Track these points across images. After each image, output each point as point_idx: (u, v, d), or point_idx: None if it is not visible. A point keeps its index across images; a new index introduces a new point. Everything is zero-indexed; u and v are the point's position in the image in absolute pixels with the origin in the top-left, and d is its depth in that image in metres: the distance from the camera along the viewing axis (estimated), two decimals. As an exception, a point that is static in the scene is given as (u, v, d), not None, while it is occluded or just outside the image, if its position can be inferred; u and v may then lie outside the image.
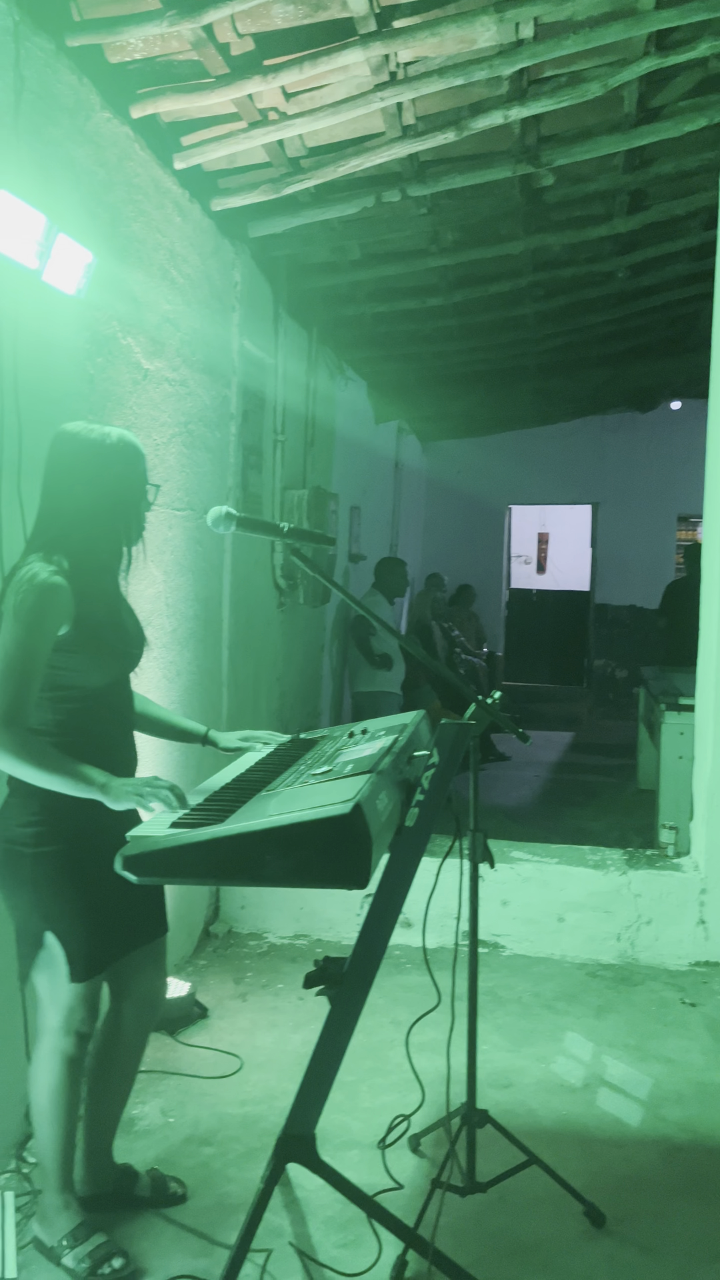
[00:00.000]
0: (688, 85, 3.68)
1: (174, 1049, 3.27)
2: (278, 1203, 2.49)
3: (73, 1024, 2.19)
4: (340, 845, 1.66)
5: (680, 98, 3.77)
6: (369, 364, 6.76)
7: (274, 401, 4.88)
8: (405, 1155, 2.71)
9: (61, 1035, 2.20)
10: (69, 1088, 2.22)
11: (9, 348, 2.47)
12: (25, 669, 2.03)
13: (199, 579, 3.92)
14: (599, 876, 4.07)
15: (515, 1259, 2.32)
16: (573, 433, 10.47)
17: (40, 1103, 2.24)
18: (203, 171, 3.69)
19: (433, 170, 4.01)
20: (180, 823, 1.81)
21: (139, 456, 2.25)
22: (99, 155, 2.92)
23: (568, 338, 6.70)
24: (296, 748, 2.46)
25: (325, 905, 4.21)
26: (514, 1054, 3.31)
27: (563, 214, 4.63)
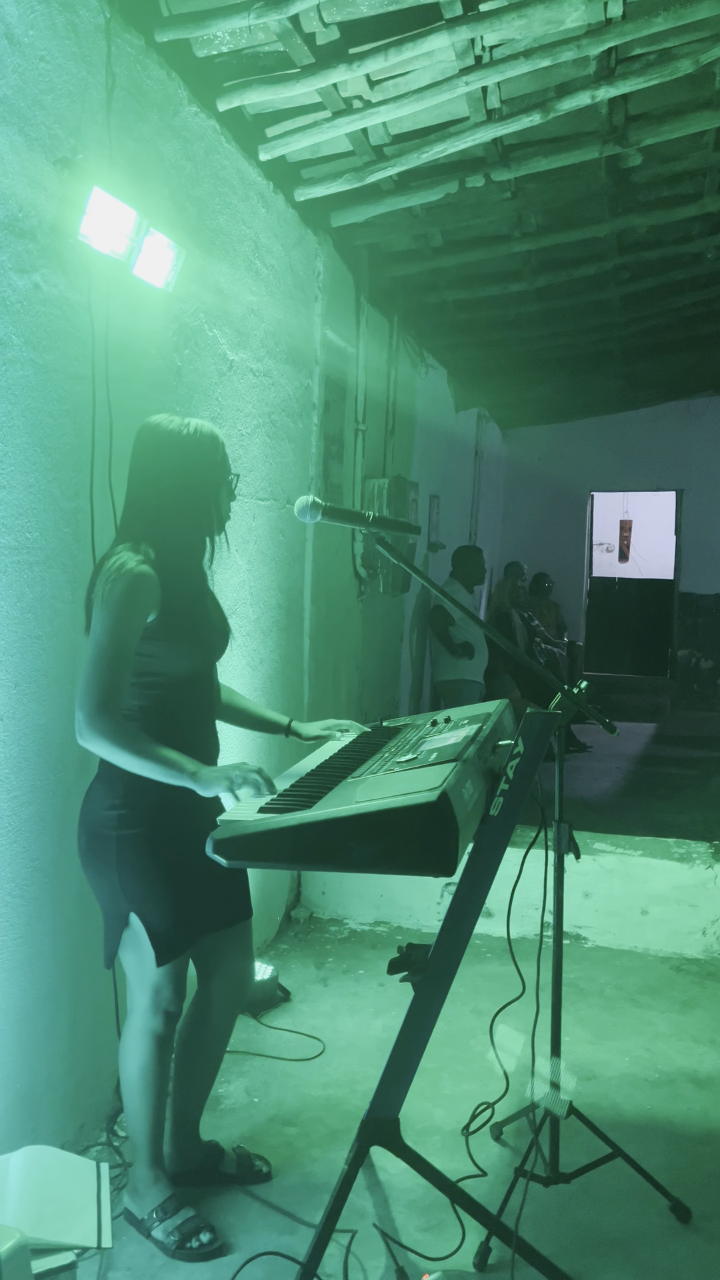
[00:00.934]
0: (783, 59, 3.57)
1: (257, 1031, 3.32)
2: (360, 1185, 2.52)
3: (160, 1003, 2.24)
4: (427, 832, 1.67)
5: (775, 72, 3.66)
6: (450, 351, 6.72)
7: (355, 391, 4.89)
8: (487, 1144, 2.72)
9: (150, 1014, 2.25)
10: (158, 1065, 2.28)
11: (101, 341, 2.52)
12: (117, 657, 2.07)
13: (281, 568, 3.96)
14: (684, 869, 4.00)
15: (599, 1251, 2.31)
16: (657, 418, 10.26)
17: (130, 1079, 2.30)
18: (286, 162, 3.70)
19: (517, 154, 3.96)
20: (268, 808, 1.84)
21: (218, 445, 2.28)
22: (186, 149, 2.95)
23: (654, 321, 6.56)
24: (380, 735, 2.47)
25: (405, 893, 4.23)
26: (597, 1046, 3.29)
27: (650, 194, 4.53)
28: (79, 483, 2.48)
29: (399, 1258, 2.21)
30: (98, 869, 2.22)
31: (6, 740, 2.23)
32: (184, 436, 2.23)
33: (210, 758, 2.34)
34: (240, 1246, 2.28)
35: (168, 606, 2.18)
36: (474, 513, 8.94)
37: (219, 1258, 2.24)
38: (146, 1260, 2.24)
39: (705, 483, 10.59)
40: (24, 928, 2.32)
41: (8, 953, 2.27)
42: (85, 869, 2.26)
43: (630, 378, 7.76)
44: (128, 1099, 2.32)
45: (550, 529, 11.01)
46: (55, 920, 2.44)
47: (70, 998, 2.52)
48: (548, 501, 10.96)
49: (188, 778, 2.03)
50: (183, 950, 2.26)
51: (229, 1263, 2.22)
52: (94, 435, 2.52)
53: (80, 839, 2.24)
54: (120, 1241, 2.29)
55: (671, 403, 10.01)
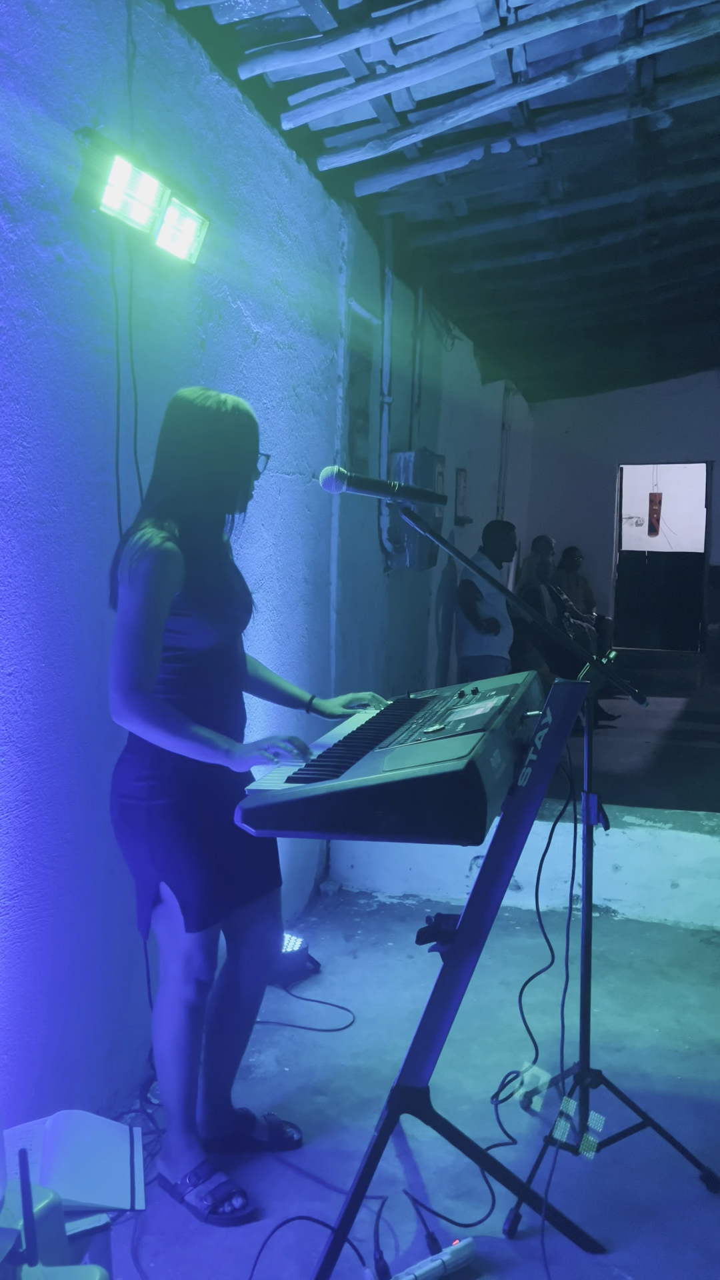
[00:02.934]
0: None
1: (287, 1001, 3.35)
2: (390, 1153, 2.54)
3: (192, 972, 2.26)
4: (455, 802, 1.66)
5: None
6: (476, 323, 6.66)
7: (380, 363, 4.86)
8: (518, 1112, 2.73)
9: (182, 983, 2.27)
10: (191, 1033, 2.30)
11: (125, 314, 2.51)
12: (147, 635, 2.08)
13: (307, 543, 3.95)
14: (714, 842, 3.98)
15: (629, 1219, 2.31)
16: (687, 389, 10.12)
17: (164, 1048, 2.32)
18: (310, 131, 3.67)
19: (543, 119, 3.89)
20: (296, 777, 1.84)
21: (254, 425, 2.28)
22: (208, 118, 2.93)
23: (683, 289, 6.46)
24: (407, 707, 2.46)
25: (434, 866, 4.24)
26: (626, 1018, 3.29)
27: (680, 158, 4.44)
28: (105, 457, 2.48)
29: (429, 1224, 2.23)
30: (129, 839, 2.24)
31: (36, 713, 2.25)
32: (220, 415, 2.22)
33: (237, 729, 2.35)
34: (272, 1212, 2.31)
35: (192, 582, 2.18)
36: (501, 486, 8.88)
37: (251, 1223, 2.27)
38: (180, 1225, 2.27)
39: (736, 454, 10.45)
40: (56, 899, 2.35)
41: (41, 924, 2.30)
42: (118, 839, 2.28)
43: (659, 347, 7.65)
44: (161, 1067, 2.34)
45: (579, 503, 10.92)
46: (87, 892, 2.46)
47: (102, 968, 2.55)
48: (576, 475, 10.86)
49: (222, 756, 2.05)
50: (214, 919, 2.28)
51: (261, 1227, 2.25)
52: (119, 409, 2.52)
53: (112, 810, 2.26)
54: (154, 1206, 2.32)
55: (701, 373, 9.87)
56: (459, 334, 6.57)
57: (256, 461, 2.30)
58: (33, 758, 2.25)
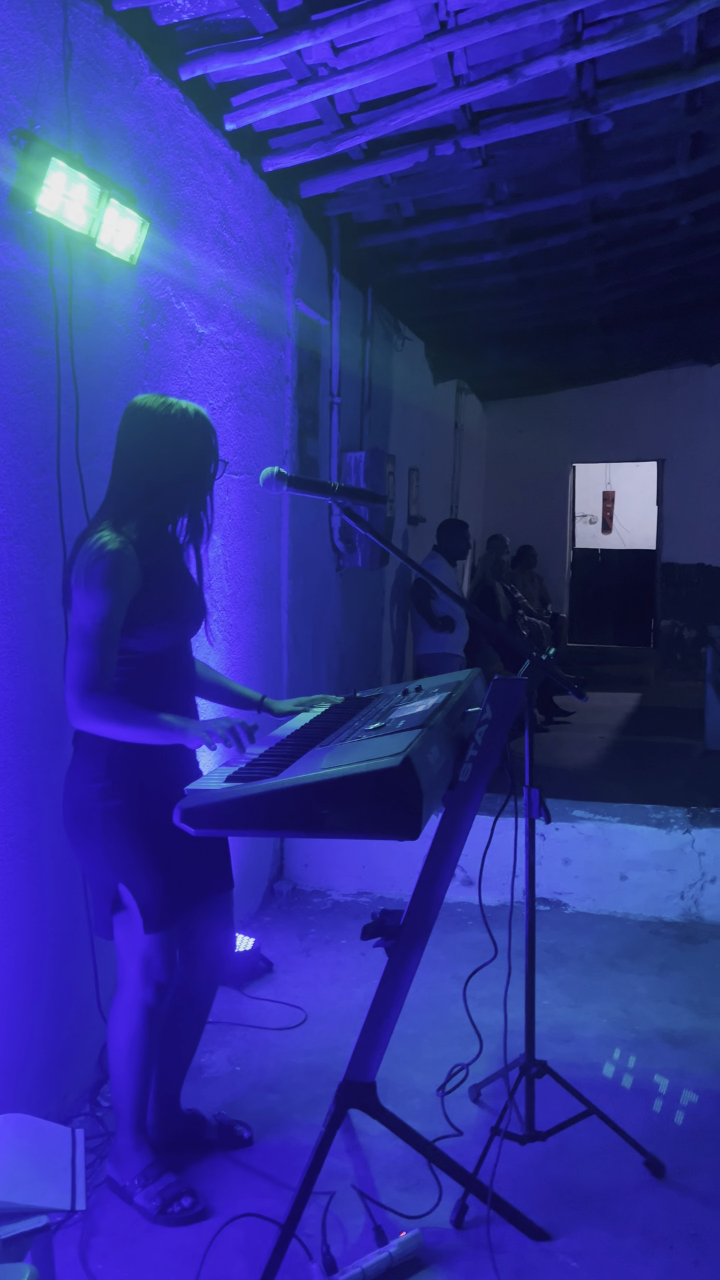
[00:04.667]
0: (751, 20, 3.55)
1: (240, 1001, 3.35)
2: (341, 1148, 2.55)
3: (151, 974, 2.26)
4: (391, 797, 1.68)
5: (743, 34, 3.64)
6: (426, 323, 6.70)
7: (329, 364, 4.87)
8: (466, 1105, 2.76)
9: (141, 986, 2.27)
10: (147, 1036, 2.30)
11: (65, 315, 2.50)
12: (102, 638, 2.10)
13: (257, 543, 3.96)
14: (662, 835, 4.04)
15: (575, 1206, 2.35)
16: (638, 388, 10.25)
17: (119, 1050, 2.32)
18: (253, 132, 3.67)
19: (487, 121, 3.93)
20: (235, 776, 1.85)
21: (211, 432, 2.31)
22: (149, 119, 2.93)
23: (629, 290, 6.55)
24: (353, 705, 2.48)
25: (388, 863, 4.26)
26: (576, 1009, 3.33)
27: (622, 160, 4.51)
28: (45, 459, 2.47)
29: (377, 1216, 2.25)
30: (84, 842, 2.24)
31: (-23, 716, 2.24)
32: (178, 422, 2.24)
33: None
34: (221, 1210, 2.32)
35: (147, 586, 2.19)
36: (455, 486, 8.94)
37: (200, 1221, 2.27)
38: (129, 1226, 2.27)
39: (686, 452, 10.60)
40: (1, 903, 2.33)
41: (-16, 927, 2.29)
42: (72, 843, 2.28)
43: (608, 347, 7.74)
44: (114, 1068, 2.34)
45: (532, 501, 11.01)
46: (32, 895, 2.45)
47: (50, 972, 2.54)
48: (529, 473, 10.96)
49: (178, 734, 2.08)
50: (172, 920, 2.28)
51: (210, 1226, 2.25)
52: (59, 410, 2.51)
53: (66, 814, 2.26)
54: (103, 1208, 2.32)
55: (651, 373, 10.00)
56: (409, 334, 6.61)
57: (214, 467, 2.31)
58: (-26, 761, 2.24)
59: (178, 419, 2.23)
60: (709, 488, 10.55)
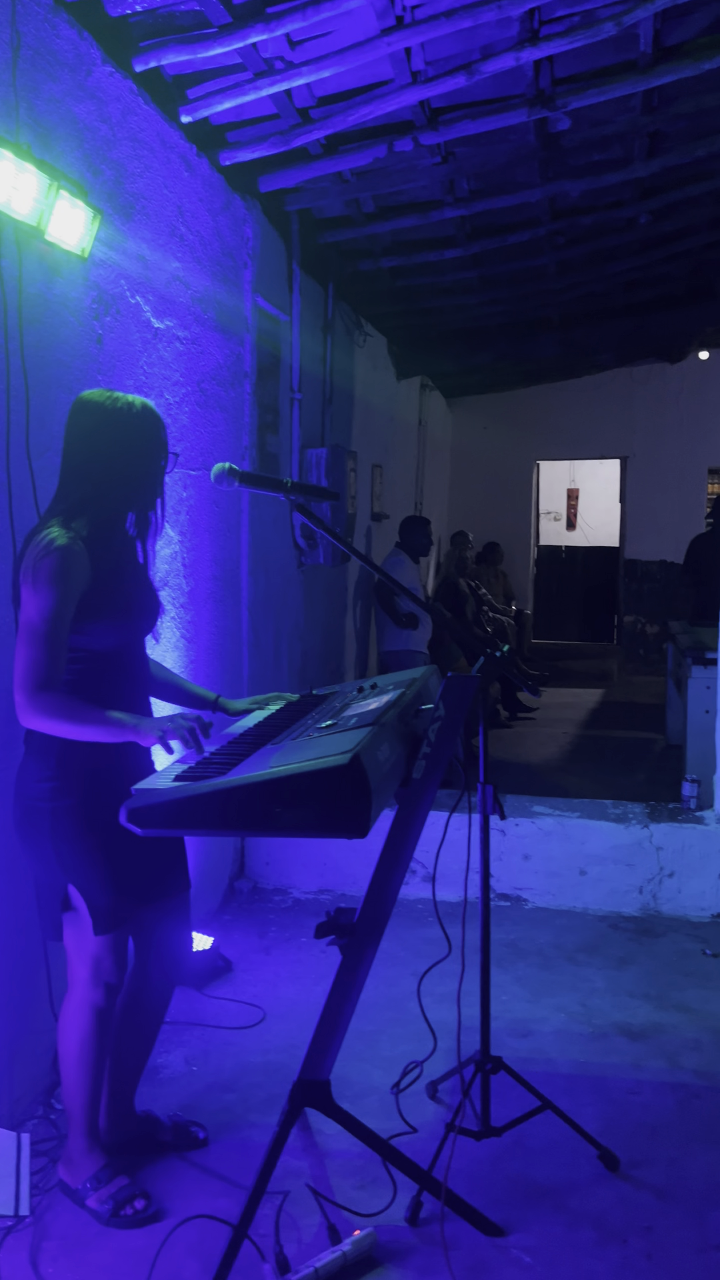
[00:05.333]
0: (705, 21, 3.57)
1: (198, 1000, 3.33)
2: (297, 1147, 2.55)
3: (101, 975, 2.24)
4: (340, 795, 1.68)
5: (698, 34, 3.66)
6: (388, 319, 6.69)
7: (290, 359, 4.85)
8: (424, 1102, 2.76)
9: (90, 987, 2.25)
10: (98, 1038, 2.28)
11: (14, 307, 2.47)
12: (51, 635, 2.07)
13: (216, 540, 3.93)
14: (621, 830, 4.07)
15: (529, 1201, 2.36)
16: (600, 385, 10.32)
17: (69, 1052, 2.29)
18: (210, 126, 3.65)
19: (445, 118, 3.93)
20: (184, 775, 1.84)
21: (160, 425, 2.28)
22: (101, 111, 2.89)
23: (590, 287, 6.58)
24: (308, 704, 2.47)
25: (349, 861, 4.25)
26: (534, 1004, 3.34)
27: (581, 158, 4.53)
28: (-5, 453, 2.43)
29: (331, 1215, 2.24)
30: (33, 842, 2.21)
31: None
32: (128, 416, 2.22)
33: None
34: (175, 1212, 2.30)
35: (97, 582, 2.16)
36: (419, 483, 8.95)
37: (153, 1224, 2.25)
38: (81, 1229, 2.25)
39: (648, 449, 10.70)
40: (-50, 904, 2.30)
41: (-67, 930, 2.25)
42: (21, 843, 2.25)
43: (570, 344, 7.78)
44: (65, 1071, 2.31)
45: (497, 498, 11.07)
46: (-17, 896, 2.42)
47: (1, 973, 2.50)
48: (494, 471, 11.01)
49: (130, 731, 2.05)
50: (122, 921, 2.26)
51: (164, 1228, 2.23)
52: (9, 405, 2.47)
53: (15, 813, 2.23)
54: (54, 1212, 2.30)
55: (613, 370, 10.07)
56: (371, 331, 6.60)
57: (164, 461, 2.29)
58: None
59: (124, 413, 2.21)
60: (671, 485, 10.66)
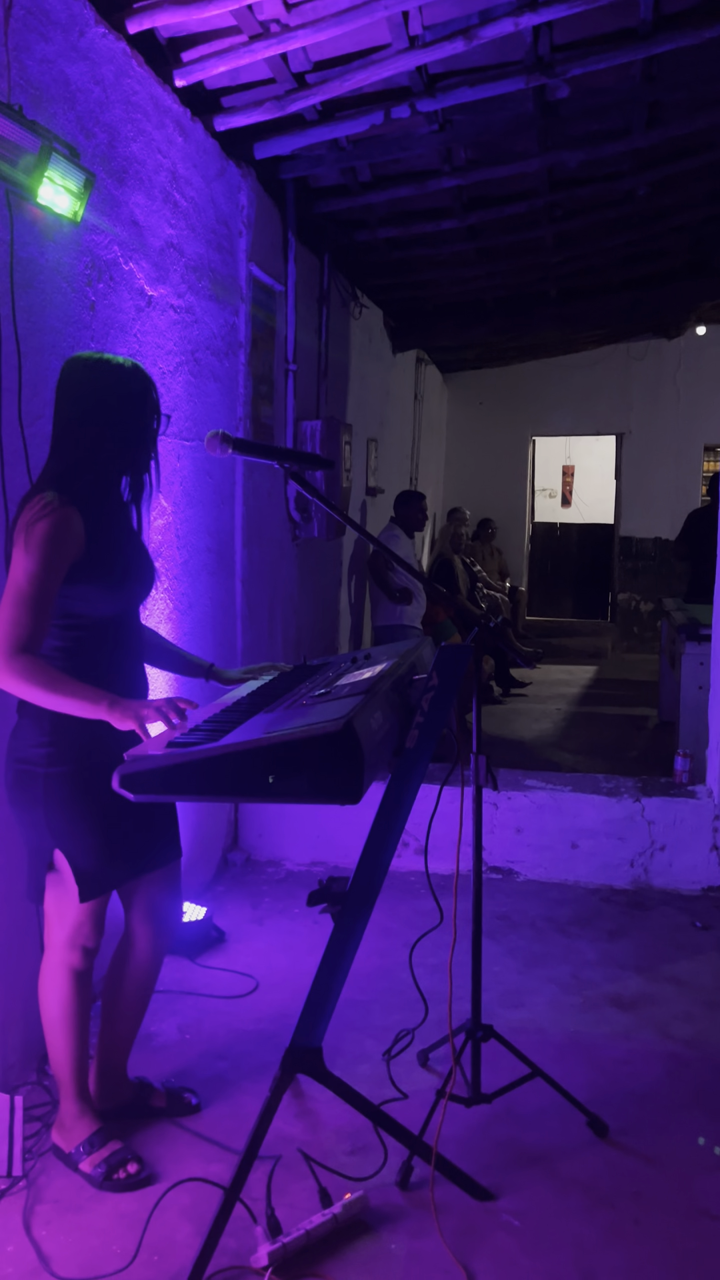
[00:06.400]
0: (707, -14, 3.53)
1: (191, 970, 3.35)
2: (289, 1113, 2.57)
3: (79, 940, 2.25)
4: (333, 761, 1.67)
5: (699, 2, 3.61)
6: (384, 291, 6.64)
7: (284, 330, 4.81)
8: (415, 1070, 2.78)
9: (68, 949, 2.26)
10: (78, 1000, 2.29)
11: (5, 270, 2.44)
12: (37, 598, 2.05)
13: (210, 511, 3.91)
14: (613, 804, 4.08)
15: (519, 1166, 2.38)
16: (597, 361, 10.28)
17: (51, 1015, 2.30)
18: (205, 90, 3.60)
19: (443, 84, 3.89)
20: (177, 741, 1.83)
21: (150, 386, 2.25)
22: (94, 72, 2.85)
23: (587, 261, 6.54)
24: (301, 674, 2.47)
25: (342, 833, 4.26)
26: (525, 975, 3.36)
27: (579, 128, 4.47)
28: (-14, 420, 2.41)
29: (322, 1179, 2.26)
30: (24, 805, 2.21)
31: None
32: (117, 377, 2.19)
33: (139, 697, 2.33)
34: (168, 1176, 2.32)
35: (91, 547, 2.15)
36: (414, 457, 8.91)
37: (146, 1187, 2.27)
38: (74, 1193, 2.27)
39: (644, 427, 10.67)
40: (-58, 872, 2.30)
41: None
42: (11, 805, 2.25)
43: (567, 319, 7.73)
44: (50, 1036, 2.32)
45: (492, 474, 11.04)
46: (-25, 864, 2.42)
47: (-6, 941, 2.51)
48: (489, 446, 10.97)
49: (104, 709, 2.02)
50: (108, 889, 2.26)
51: (156, 1192, 2.25)
52: (1, 372, 2.45)
53: (6, 775, 2.23)
54: (47, 1176, 2.31)
55: (610, 346, 10.02)
56: (367, 303, 6.55)
57: (156, 422, 2.27)
58: None
59: (114, 373, 2.19)
60: (667, 462, 10.64)
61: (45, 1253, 2.08)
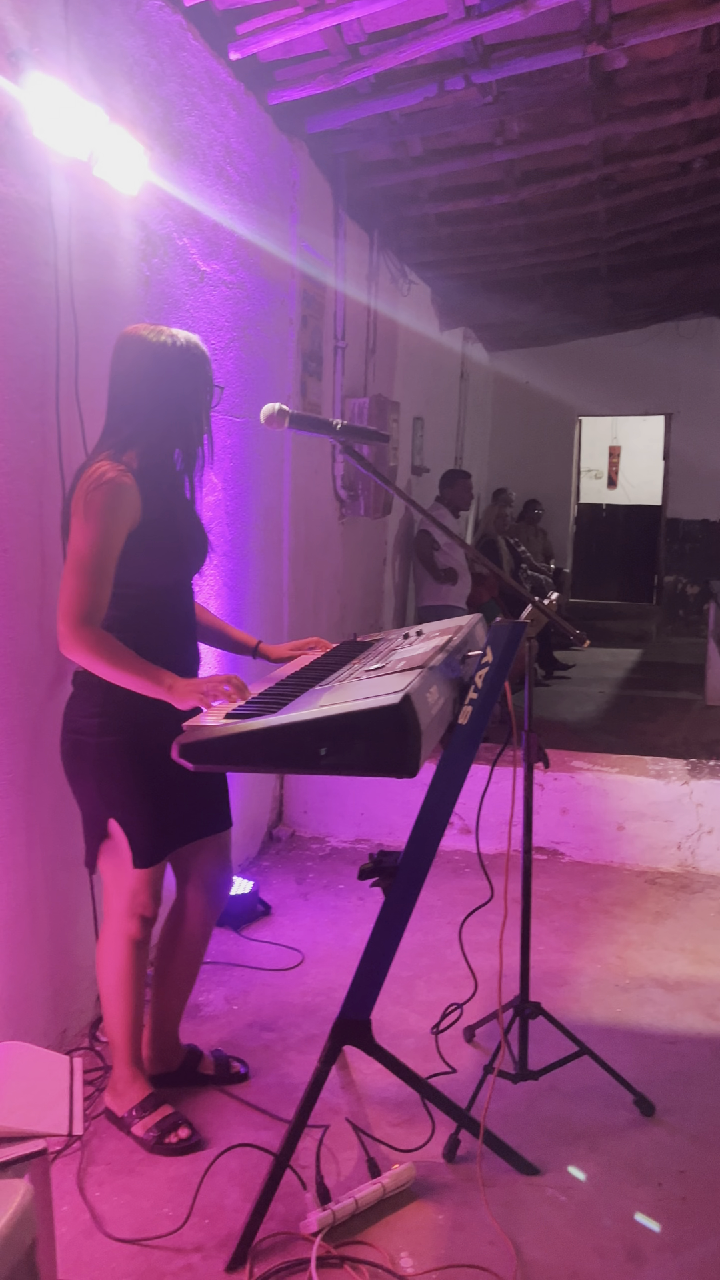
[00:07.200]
0: (772, -49, 3.44)
1: (237, 943, 3.38)
2: (335, 1084, 2.59)
3: (136, 908, 2.28)
4: (389, 735, 1.68)
5: (764, -34, 3.53)
6: (433, 268, 6.58)
7: (334, 307, 4.79)
8: (460, 1045, 2.79)
9: (126, 918, 2.29)
10: (135, 968, 2.32)
11: (64, 247, 2.45)
12: (99, 568, 2.07)
13: (258, 488, 3.92)
14: (660, 786, 4.05)
15: (564, 1142, 2.39)
16: (646, 340, 10.12)
17: (108, 983, 2.34)
18: (259, 63, 3.58)
19: (498, 55, 3.83)
20: (235, 713, 1.85)
21: (205, 360, 2.26)
22: (151, 45, 2.84)
23: (640, 236, 6.43)
24: (352, 649, 2.47)
25: (386, 810, 4.28)
26: (570, 955, 3.36)
27: (636, 99, 4.40)
28: (44, 394, 2.43)
29: (370, 1150, 2.28)
30: (78, 775, 2.25)
31: (-25, 653, 2.23)
32: (172, 349, 2.20)
33: (191, 670, 2.36)
34: (218, 1142, 2.35)
35: (148, 518, 2.17)
36: (460, 436, 8.85)
37: (196, 1152, 2.31)
38: (126, 1155, 2.31)
39: (694, 406, 10.50)
40: (2, 839, 2.34)
41: (-17, 863, 2.30)
42: (66, 775, 2.29)
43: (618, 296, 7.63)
44: (106, 1002, 2.36)
45: (538, 454, 10.93)
46: (31, 832, 2.46)
47: (49, 907, 2.55)
48: (535, 426, 10.86)
49: (164, 690, 2.05)
50: (161, 856, 2.29)
51: (206, 1157, 2.29)
52: (59, 345, 2.46)
53: (62, 745, 2.27)
54: (100, 1139, 2.36)
55: (660, 324, 9.87)
56: (415, 279, 6.50)
57: (210, 395, 2.28)
58: (-27, 698, 2.23)
59: (169, 346, 2.20)
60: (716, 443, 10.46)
61: (98, 1213, 2.13)
